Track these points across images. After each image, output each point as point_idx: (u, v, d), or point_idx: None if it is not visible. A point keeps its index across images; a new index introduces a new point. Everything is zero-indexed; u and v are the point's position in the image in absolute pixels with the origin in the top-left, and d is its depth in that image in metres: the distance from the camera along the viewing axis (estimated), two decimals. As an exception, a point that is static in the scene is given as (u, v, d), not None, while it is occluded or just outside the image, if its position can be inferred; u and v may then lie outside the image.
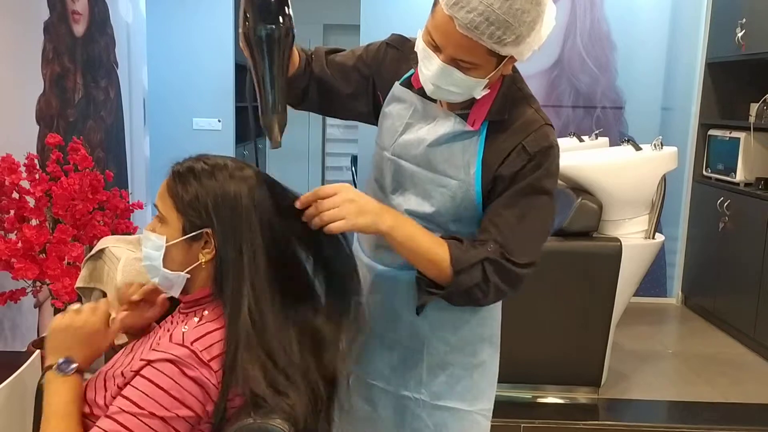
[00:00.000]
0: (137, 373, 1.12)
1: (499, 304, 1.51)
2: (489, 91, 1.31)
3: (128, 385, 1.11)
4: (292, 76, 1.40)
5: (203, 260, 1.20)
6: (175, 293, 1.25)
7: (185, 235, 1.19)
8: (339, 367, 1.24)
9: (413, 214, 1.37)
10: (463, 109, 1.36)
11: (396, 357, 1.48)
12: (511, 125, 1.33)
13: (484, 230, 1.32)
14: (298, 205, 1.23)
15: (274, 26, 1.15)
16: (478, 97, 1.30)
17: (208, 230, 1.18)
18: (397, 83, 1.42)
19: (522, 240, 1.31)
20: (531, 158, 1.30)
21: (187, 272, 1.21)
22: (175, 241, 1.19)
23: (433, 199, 1.37)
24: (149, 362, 1.12)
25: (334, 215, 1.19)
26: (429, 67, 1.26)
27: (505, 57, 1.23)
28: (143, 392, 1.10)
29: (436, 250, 1.29)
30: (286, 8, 1.17)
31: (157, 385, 1.10)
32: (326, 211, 1.19)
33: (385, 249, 1.41)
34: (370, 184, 1.51)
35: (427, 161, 1.37)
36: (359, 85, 1.49)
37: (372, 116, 1.51)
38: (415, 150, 1.38)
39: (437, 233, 1.34)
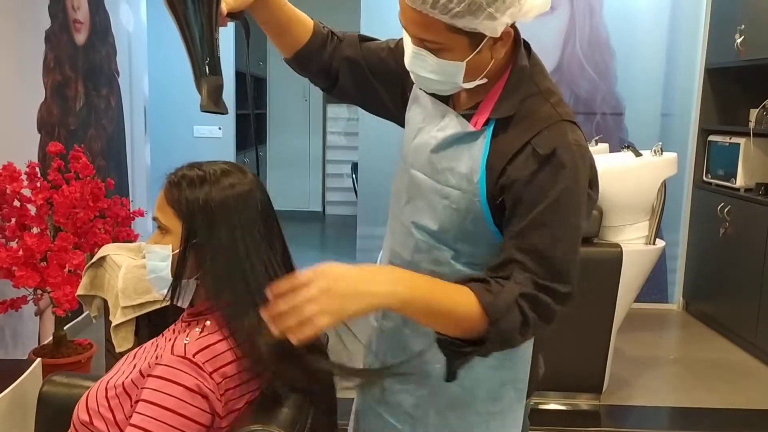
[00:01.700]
0: (141, 399, 1.12)
1: (528, 342, 1.28)
2: (486, 81, 1.16)
3: (135, 413, 1.12)
4: (306, 44, 1.34)
5: (208, 265, 1.20)
6: (184, 303, 1.25)
7: (191, 241, 1.19)
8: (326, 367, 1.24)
9: (421, 228, 1.24)
10: (472, 108, 1.21)
11: (405, 392, 1.30)
12: (520, 123, 1.14)
13: (508, 259, 1.10)
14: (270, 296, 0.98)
15: None
16: (465, 86, 1.16)
17: (210, 234, 1.19)
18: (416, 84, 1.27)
19: (559, 263, 1.10)
20: (543, 162, 1.09)
21: (196, 279, 1.21)
22: (181, 249, 1.20)
23: (437, 213, 1.20)
24: (152, 378, 1.13)
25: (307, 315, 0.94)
26: (407, 55, 1.16)
27: (478, 35, 1.08)
28: (152, 417, 1.10)
29: (462, 307, 1.06)
30: None
31: (164, 407, 1.10)
32: (300, 309, 0.94)
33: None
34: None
35: (432, 169, 1.22)
36: (392, 79, 1.36)
37: (402, 117, 1.38)
38: (422, 156, 1.24)
39: (444, 253, 1.21)
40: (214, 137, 5.60)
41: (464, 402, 1.26)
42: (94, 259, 2.50)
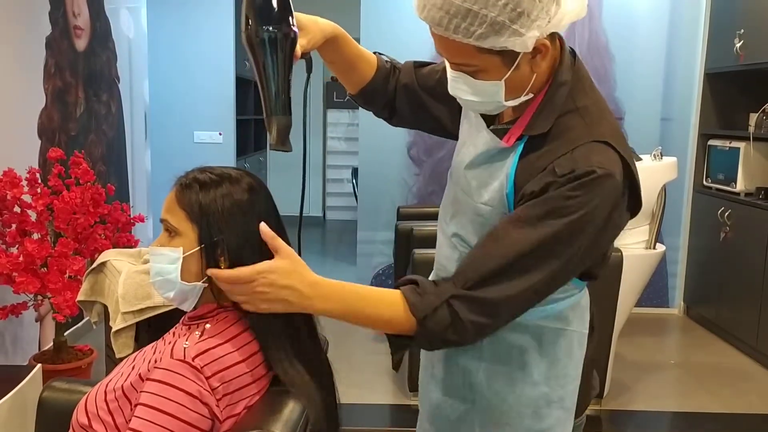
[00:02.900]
0: (140, 403, 1.12)
1: (576, 357, 1.27)
2: (532, 96, 1.14)
3: (135, 417, 1.11)
4: (371, 80, 1.38)
5: (223, 267, 1.20)
6: (190, 306, 1.25)
7: (201, 244, 1.19)
8: None
9: (464, 240, 1.23)
10: (510, 123, 1.19)
11: (449, 405, 1.30)
12: (552, 142, 1.12)
13: (468, 257, 1.15)
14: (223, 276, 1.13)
15: (275, 29, 1.15)
16: (508, 105, 1.14)
17: (223, 237, 1.19)
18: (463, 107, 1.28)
19: (484, 265, 1.10)
20: (556, 178, 1.07)
21: (204, 282, 1.21)
22: (192, 251, 1.20)
23: (476, 231, 1.20)
24: (152, 382, 1.13)
25: (244, 303, 1.11)
26: (449, 80, 1.17)
27: (511, 52, 1.06)
28: (151, 421, 1.10)
29: (386, 309, 1.12)
30: (289, 14, 1.17)
31: (164, 412, 1.10)
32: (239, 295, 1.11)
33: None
34: None
35: (468, 186, 1.22)
36: (450, 98, 1.33)
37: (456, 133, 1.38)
38: (460, 173, 1.24)
39: None
40: (214, 143, 5.61)
41: (509, 419, 1.24)
42: (94, 265, 2.50)
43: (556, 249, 1.08)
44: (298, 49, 1.20)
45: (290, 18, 1.17)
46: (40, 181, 2.80)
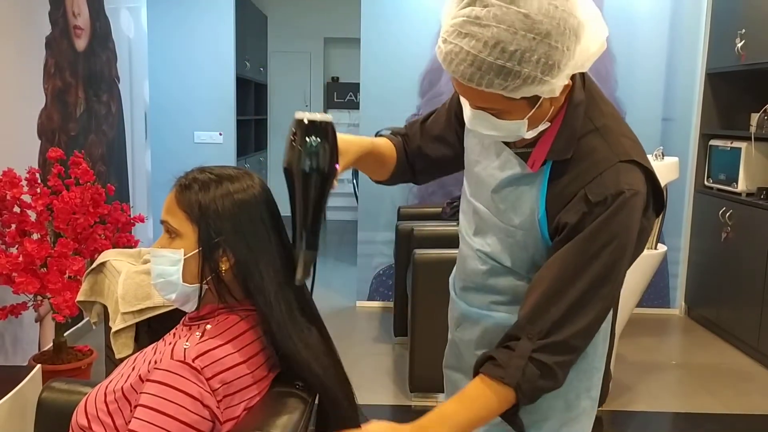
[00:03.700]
0: (140, 404, 1.11)
1: (600, 351, 1.35)
2: (549, 125, 1.16)
3: (134, 419, 1.10)
4: (396, 165, 1.40)
5: (224, 268, 1.19)
6: (192, 308, 1.24)
7: (204, 245, 1.18)
8: None
9: (495, 260, 1.28)
10: (528, 146, 1.21)
11: None
12: (578, 165, 1.16)
13: (523, 306, 1.19)
14: None
15: (319, 168, 1.13)
16: (528, 137, 1.16)
17: (224, 237, 1.18)
18: None
19: (549, 311, 1.15)
20: (592, 208, 1.12)
21: (205, 283, 1.21)
22: (193, 253, 1.19)
23: (508, 251, 1.25)
24: (152, 383, 1.12)
25: None
26: (466, 113, 1.17)
27: (537, 96, 1.09)
28: (151, 423, 1.09)
29: (488, 400, 1.16)
30: (335, 155, 1.15)
31: (164, 413, 1.09)
32: None
33: (474, 291, 1.35)
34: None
35: (495, 208, 1.25)
36: (451, 131, 1.40)
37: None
38: (485, 193, 1.27)
39: (525, 284, 1.25)
40: (214, 143, 5.61)
41: (542, 411, 1.30)
42: (94, 265, 2.50)
43: (609, 277, 1.16)
44: (335, 182, 1.18)
45: (336, 159, 1.15)
46: (39, 181, 2.79)
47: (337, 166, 1.16)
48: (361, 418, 1.27)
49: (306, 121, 1.13)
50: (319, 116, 1.14)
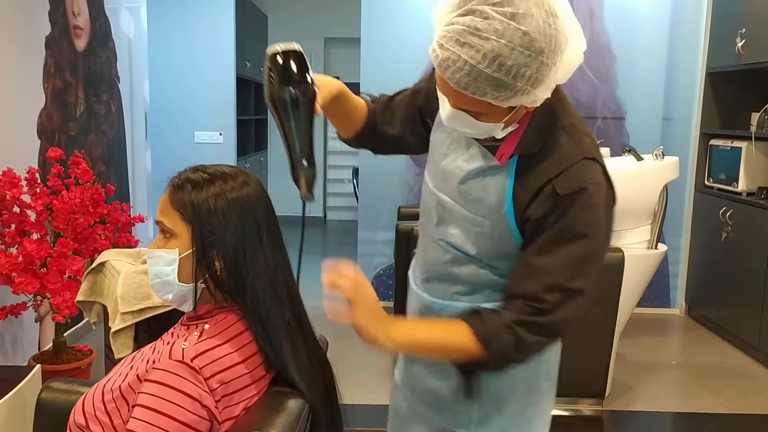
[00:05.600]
0: (138, 404, 1.11)
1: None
2: (517, 126, 1.21)
3: (132, 418, 1.10)
4: (360, 128, 1.47)
5: (219, 267, 1.19)
6: (189, 307, 1.24)
7: (197, 244, 1.18)
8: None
9: (459, 249, 1.31)
10: (497, 140, 1.25)
11: (446, 387, 1.40)
12: (544, 160, 1.21)
13: (510, 285, 1.25)
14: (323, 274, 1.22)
15: (296, 89, 1.20)
16: (500, 137, 1.20)
17: (217, 237, 1.18)
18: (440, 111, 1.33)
19: (547, 277, 1.20)
20: (559, 201, 1.18)
21: (202, 282, 1.21)
22: (187, 252, 1.19)
23: (472, 240, 1.30)
24: (149, 383, 1.12)
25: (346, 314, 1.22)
26: (443, 109, 1.21)
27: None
28: (149, 423, 1.09)
29: (455, 339, 1.23)
30: (308, 72, 1.22)
31: (162, 413, 1.09)
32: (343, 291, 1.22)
33: (436, 281, 1.39)
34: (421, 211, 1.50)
35: (462, 198, 1.30)
36: (409, 120, 1.47)
37: (419, 146, 1.50)
38: (451, 185, 1.32)
39: (483, 268, 1.30)
40: (215, 143, 5.61)
41: (504, 394, 1.37)
42: (93, 265, 2.50)
43: (585, 268, 1.21)
44: (318, 105, 1.24)
45: (309, 76, 1.22)
46: (39, 181, 2.79)
47: (316, 88, 1.22)
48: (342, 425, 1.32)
49: (279, 52, 1.20)
50: (288, 45, 1.21)
